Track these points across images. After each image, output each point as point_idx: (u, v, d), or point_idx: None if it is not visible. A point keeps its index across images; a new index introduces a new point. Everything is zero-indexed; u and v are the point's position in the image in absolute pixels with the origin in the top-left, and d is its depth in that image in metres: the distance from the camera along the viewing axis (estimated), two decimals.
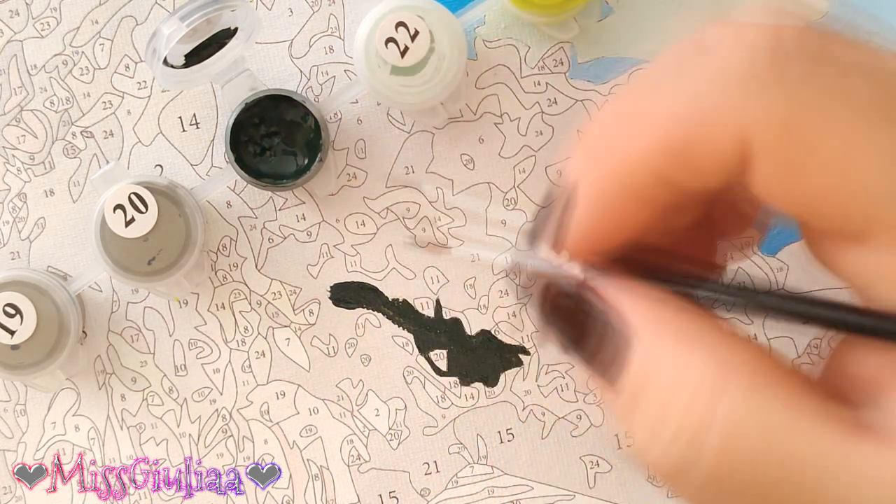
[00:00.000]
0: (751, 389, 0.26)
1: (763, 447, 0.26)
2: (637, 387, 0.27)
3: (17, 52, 0.43)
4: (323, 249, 0.43)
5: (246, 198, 0.43)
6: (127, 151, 0.43)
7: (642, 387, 0.27)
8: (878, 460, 0.25)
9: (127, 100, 0.43)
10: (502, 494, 0.43)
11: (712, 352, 0.26)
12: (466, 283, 0.43)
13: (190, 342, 0.43)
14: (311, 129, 0.41)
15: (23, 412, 0.44)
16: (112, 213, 0.40)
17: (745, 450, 0.26)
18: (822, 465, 0.25)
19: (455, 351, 0.43)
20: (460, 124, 0.43)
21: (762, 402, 0.26)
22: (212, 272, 0.43)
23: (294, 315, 0.43)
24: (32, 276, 0.41)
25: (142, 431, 0.44)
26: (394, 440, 0.43)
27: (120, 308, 0.43)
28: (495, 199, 0.43)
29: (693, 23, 0.43)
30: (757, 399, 0.26)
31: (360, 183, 0.43)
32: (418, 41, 0.39)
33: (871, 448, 0.25)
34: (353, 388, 0.43)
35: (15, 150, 0.43)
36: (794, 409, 0.25)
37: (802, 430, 0.25)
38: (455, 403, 0.43)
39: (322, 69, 0.43)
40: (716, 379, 0.26)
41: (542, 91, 0.43)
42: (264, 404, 0.43)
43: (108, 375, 0.43)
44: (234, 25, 0.40)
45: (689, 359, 0.26)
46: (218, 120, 0.43)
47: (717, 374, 0.26)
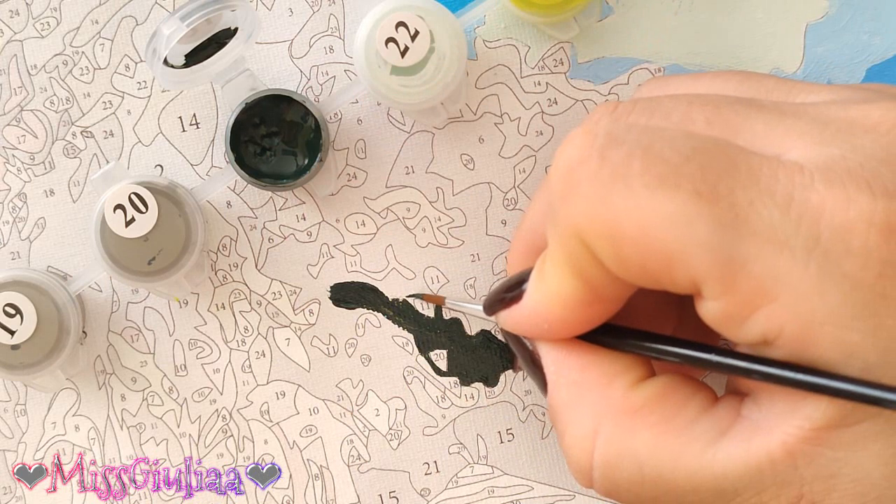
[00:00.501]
0: (618, 430, 0.32)
1: (637, 475, 0.32)
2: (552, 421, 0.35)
3: (17, 52, 0.43)
4: (323, 249, 0.43)
5: (246, 198, 0.43)
6: (127, 151, 0.43)
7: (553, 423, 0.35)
8: (737, 451, 0.30)
9: (127, 100, 0.43)
10: (502, 494, 0.43)
11: (591, 403, 0.33)
12: (466, 283, 0.43)
13: (190, 342, 0.43)
14: (311, 129, 0.41)
15: (23, 412, 0.44)
16: (112, 213, 0.40)
17: (623, 480, 0.32)
18: (687, 476, 0.31)
19: (455, 351, 0.43)
20: (460, 124, 0.43)
21: (629, 441, 0.32)
22: (212, 272, 0.43)
23: (294, 315, 0.43)
24: (32, 276, 0.41)
25: (142, 431, 0.44)
26: (394, 440, 0.43)
27: (120, 308, 0.43)
28: (495, 199, 0.43)
29: (692, 23, 0.43)
30: (624, 439, 0.32)
31: (360, 183, 0.43)
32: (418, 41, 0.39)
33: (733, 445, 0.30)
34: (353, 388, 0.43)
35: (15, 150, 0.43)
36: (659, 439, 0.32)
37: (667, 454, 0.31)
38: (455, 403, 0.43)
39: (322, 69, 0.43)
40: (591, 426, 0.33)
41: (543, 91, 0.43)
42: (264, 404, 0.43)
43: (108, 375, 0.43)
44: (234, 25, 0.40)
45: (576, 410, 0.33)
46: (218, 120, 0.43)
47: (594, 422, 0.33)
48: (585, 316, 0.33)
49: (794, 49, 0.43)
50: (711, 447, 0.31)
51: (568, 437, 0.34)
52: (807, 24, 0.43)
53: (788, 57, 0.43)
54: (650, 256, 0.30)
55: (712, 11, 0.42)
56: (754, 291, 0.29)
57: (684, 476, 0.31)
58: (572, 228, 0.31)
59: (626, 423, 0.32)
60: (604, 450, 0.33)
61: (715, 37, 0.42)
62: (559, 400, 0.34)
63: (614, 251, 0.30)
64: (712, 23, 0.42)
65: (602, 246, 0.30)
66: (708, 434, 0.31)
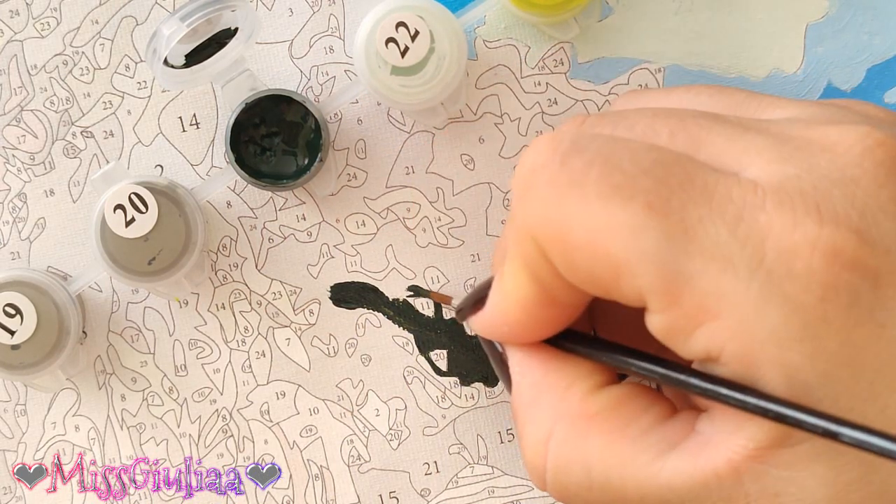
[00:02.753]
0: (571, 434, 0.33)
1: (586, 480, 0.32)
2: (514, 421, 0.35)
3: (17, 52, 0.43)
4: (323, 249, 0.43)
5: (246, 198, 0.43)
6: (127, 151, 0.43)
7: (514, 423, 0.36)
8: (684, 465, 0.30)
9: (127, 100, 0.43)
10: (502, 495, 0.43)
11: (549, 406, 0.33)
12: (466, 283, 0.43)
13: (190, 342, 0.43)
14: (311, 129, 0.41)
15: (23, 412, 0.44)
16: (112, 213, 0.40)
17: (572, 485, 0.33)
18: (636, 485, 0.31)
19: (455, 351, 0.43)
20: (460, 124, 0.43)
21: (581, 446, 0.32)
22: (212, 272, 0.43)
23: (294, 315, 0.43)
24: (32, 276, 0.41)
25: (142, 431, 0.44)
26: (394, 440, 0.43)
27: (120, 308, 0.43)
28: (495, 199, 0.43)
29: (692, 23, 0.43)
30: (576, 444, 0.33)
31: (360, 183, 0.43)
32: (418, 41, 0.39)
33: (681, 458, 0.31)
34: (353, 388, 0.43)
35: (15, 150, 0.43)
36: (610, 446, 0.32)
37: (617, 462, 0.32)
38: (455, 403, 0.43)
39: (322, 69, 0.43)
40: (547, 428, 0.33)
41: (543, 91, 0.43)
42: (264, 404, 0.43)
43: (108, 375, 0.43)
44: (235, 25, 0.40)
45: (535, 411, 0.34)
46: (218, 120, 0.43)
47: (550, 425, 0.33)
48: (543, 319, 0.34)
49: (794, 49, 0.43)
50: (660, 459, 0.31)
51: (525, 438, 0.34)
52: (807, 24, 0.43)
53: (788, 57, 0.43)
54: (598, 264, 0.30)
55: (712, 11, 0.42)
56: (697, 307, 0.29)
57: (632, 485, 0.31)
58: (527, 230, 0.31)
59: (581, 427, 0.33)
60: (556, 453, 0.33)
61: (715, 37, 0.42)
62: (520, 400, 0.35)
63: (565, 256, 0.31)
64: (712, 23, 0.42)
65: (554, 250, 0.31)
66: (659, 445, 0.31)
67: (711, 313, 0.29)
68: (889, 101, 0.43)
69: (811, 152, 0.30)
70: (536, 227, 0.31)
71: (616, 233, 0.29)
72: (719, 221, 0.29)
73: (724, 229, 0.29)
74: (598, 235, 0.30)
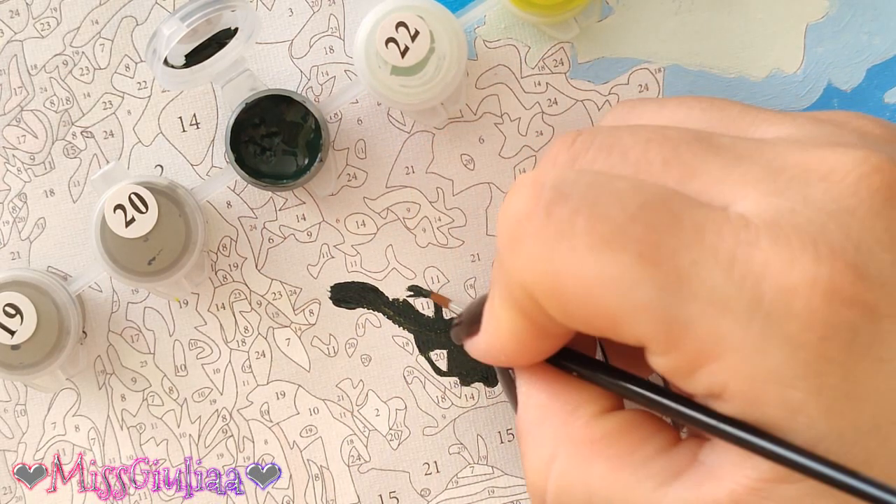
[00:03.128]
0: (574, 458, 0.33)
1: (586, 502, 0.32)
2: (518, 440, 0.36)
3: (17, 52, 0.43)
4: (323, 249, 0.43)
5: (246, 198, 0.43)
6: (127, 151, 0.43)
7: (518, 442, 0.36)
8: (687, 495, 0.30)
9: (127, 100, 0.43)
10: (503, 495, 0.43)
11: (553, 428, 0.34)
12: (466, 284, 0.43)
13: (190, 342, 0.43)
14: (311, 129, 0.41)
15: (23, 412, 0.44)
16: (112, 213, 0.40)
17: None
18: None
19: (455, 351, 0.43)
20: (460, 124, 0.43)
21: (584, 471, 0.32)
22: (212, 272, 0.43)
23: (294, 315, 0.43)
24: (32, 276, 0.41)
25: (142, 431, 0.44)
26: (394, 440, 0.43)
27: (120, 308, 0.43)
28: (495, 199, 0.43)
29: (691, 23, 0.43)
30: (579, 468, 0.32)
31: (360, 183, 0.43)
32: (418, 41, 0.39)
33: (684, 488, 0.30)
34: (353, 388, 0.43)
35: (15, 150, 0.43)
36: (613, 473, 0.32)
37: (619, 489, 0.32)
38: (455, 403, 0.43)
39: (322, 69, 0.43)
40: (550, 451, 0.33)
41: (543, 91, 0.43)
42: (264, 404, 0.43)
43: (108, 375, 0.43)
44: (235, 25, 0.40)
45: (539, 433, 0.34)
46: (218, 120, 0.43)
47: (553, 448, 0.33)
48: (538, 348, 0.34)
49: (794, 49, 0.43)
50: (662, 487, 0.31)
51: (528, 459, 0.34)
52: (807, 24, 0.43)
53: (788, 57, 0.43)
54: (595, 314, 0.30)
55: (712, 11, 0.42)
56: (698, 351, 0.29)
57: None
58: (518, 281, 0.31)
59: (584, 452, 0.33)
60: (558, 476, 0.33)
61: (715, 37, 0.43)
62: (525, 420, 0.35)
63: (560, 306, 0.31)
64: (712, 23, 0.42)
65: (547, 301, 0.31)
66: (662, 474, 0.31)
67: (712, 356, 0.29)
68: (889, 101, 0.43)
69: (806, 182, 0.30)
70: (528, 280, 0.31)
71: (610, 287, 0.29)
72: (712, 263, 0.29)
73: (718, 272, 0.29)
74: (592, 289, 0.30)
